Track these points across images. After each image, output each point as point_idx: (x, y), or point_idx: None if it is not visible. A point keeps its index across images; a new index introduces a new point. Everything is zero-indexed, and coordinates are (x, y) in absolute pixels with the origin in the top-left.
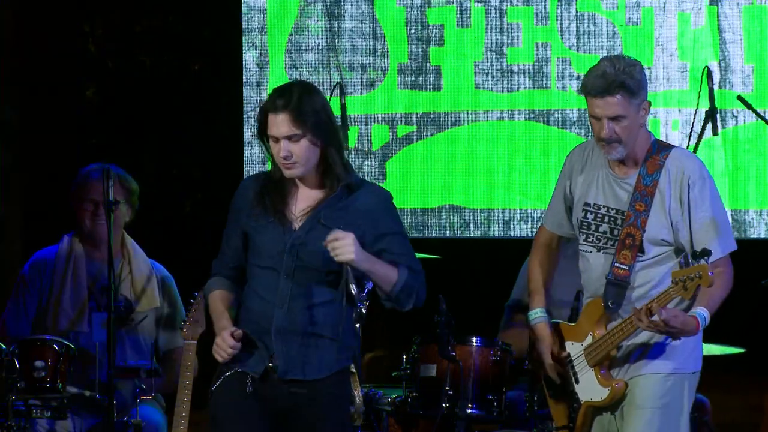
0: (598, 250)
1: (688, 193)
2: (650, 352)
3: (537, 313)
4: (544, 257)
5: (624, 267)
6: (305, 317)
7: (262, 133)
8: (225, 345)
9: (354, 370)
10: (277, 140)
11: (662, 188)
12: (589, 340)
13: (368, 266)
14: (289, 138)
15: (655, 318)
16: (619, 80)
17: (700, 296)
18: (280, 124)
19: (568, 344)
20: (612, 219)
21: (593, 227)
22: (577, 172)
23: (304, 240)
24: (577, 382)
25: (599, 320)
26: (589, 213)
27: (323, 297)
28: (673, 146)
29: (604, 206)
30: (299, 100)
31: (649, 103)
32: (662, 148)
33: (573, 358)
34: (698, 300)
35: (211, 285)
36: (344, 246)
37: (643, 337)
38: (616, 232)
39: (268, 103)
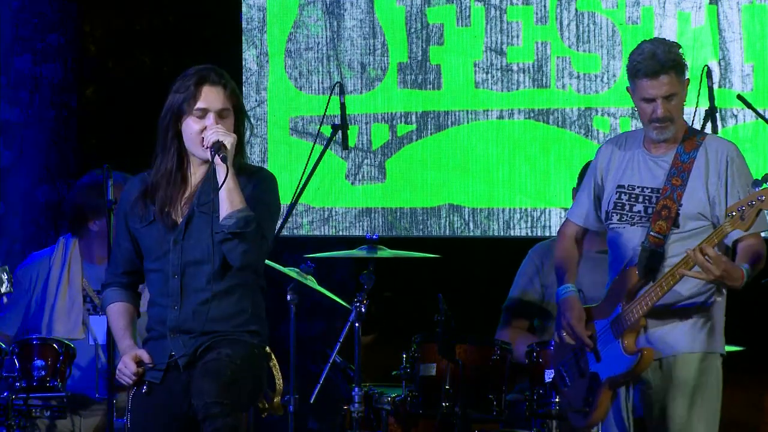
0: (633, 225)
1: (726, 169)
2: (684, 331)
3: (568, 288)
4: (569, 246)
5: (659, 236)
6: (200, 316)
7: (180, 111)
8: (127, 371)
9: (269, 350)
10: (204, 115)
11: (700, 164)
12: (618, 310)
13: (233, 171)
14: (221, 113)
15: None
16: (670, 59)
17: (744, 254)
18: (217, 97)
19: (593, 324)
20: (647, 198)
21: (627, 207)
22: (610, 161)
23: (186, 233)
24: (598, 360)
25: (630, 290)
26: (623, 194)
27: (216, 289)
28: (707, 132)
29: (639, 186)
30: (228, 78)
31: (688, 80)
32: (698, 132)
33: (598, 335)
34: (741, 258)
35: (106, 298)
36: (218, 129)
37: (674, 315)
38: (650, 210)
39: (198, 78)
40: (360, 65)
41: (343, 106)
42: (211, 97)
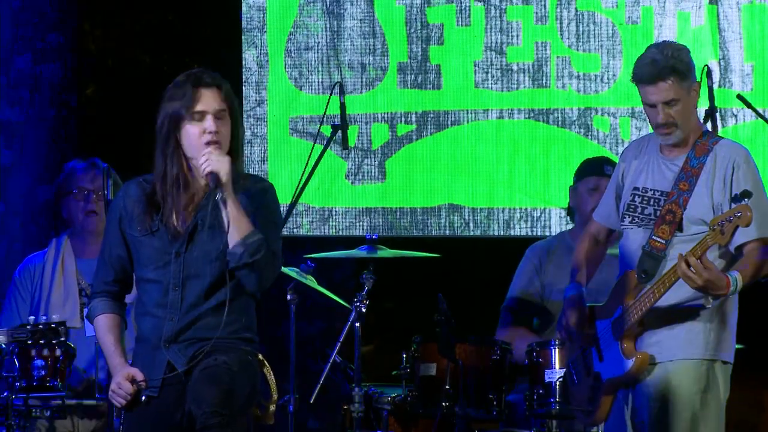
0: (639, 227)
1: (732, 174)
2: (683, 336)
3: (574, 287)
4: (589, 246)
5: (661, 240)
6: (198, 327)
7: (179, 117)
8: (122, 392)
9: (262, 358)
10: (201, 118)
11: (708, 170)
12: (619, 312)
13: (233, 197)
14: (217, 114)
15: (692, 269)
16: (669, 65)
17: (742, 260)
18: (213, 98)
19: (595, 323)
20: (656, 201)
21: (639, 209)
22: (632, 160)
23: (189, 245)
24: (601, 360)
25: (630, 292)
26: (636, 196)
27: (215, 301)
28: (723, 137)
29: (651, 189)
30: (222, 79)
31: (699, 84)
32: (712, 136)
33: (599, 336)
34: (735, 265)
35: (94, 309)
36: (216, 157)
37: (673, 320)
38: (659, 213)
39: (193, 81)
40: (360, 65)
41: (343, 106)
42: (207, 98)
